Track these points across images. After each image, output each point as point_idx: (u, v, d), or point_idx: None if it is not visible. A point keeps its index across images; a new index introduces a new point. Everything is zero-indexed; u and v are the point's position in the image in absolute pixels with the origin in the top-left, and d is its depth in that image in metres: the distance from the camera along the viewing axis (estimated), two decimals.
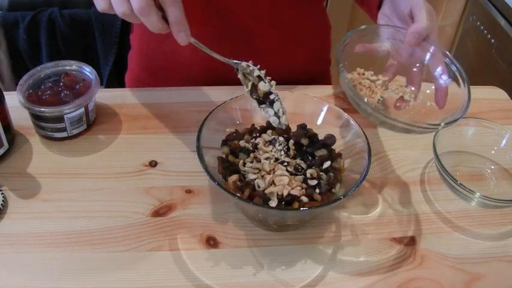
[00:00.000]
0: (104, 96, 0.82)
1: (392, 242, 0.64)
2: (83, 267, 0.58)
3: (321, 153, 0.65)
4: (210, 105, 0.66)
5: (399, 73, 0.72)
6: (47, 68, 0.75)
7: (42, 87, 0.73)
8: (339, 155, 0.65)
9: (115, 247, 0.61)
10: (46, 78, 0.75)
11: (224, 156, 0.64)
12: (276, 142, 0.66)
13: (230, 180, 0.61)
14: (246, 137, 0.67)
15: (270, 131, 0.68)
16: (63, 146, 0.73)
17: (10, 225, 0.62)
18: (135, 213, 0.65)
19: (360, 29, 0.70)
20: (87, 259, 0.59)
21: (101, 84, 1.52)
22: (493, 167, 0.75)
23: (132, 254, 0.60)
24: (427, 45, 0.70)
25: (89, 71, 0.76)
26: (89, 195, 0.67)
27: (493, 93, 0.91)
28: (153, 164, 0.72)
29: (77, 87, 0.74)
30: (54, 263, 0.59)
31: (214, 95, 0.84)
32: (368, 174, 0.59)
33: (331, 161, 0.64)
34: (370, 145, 0.62)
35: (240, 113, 0.69)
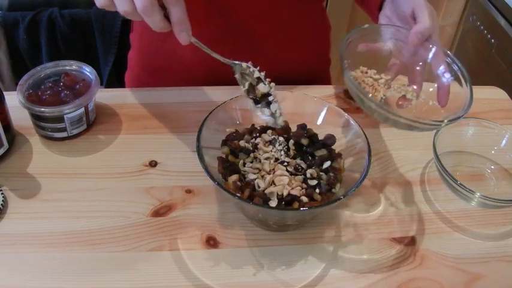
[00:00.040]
0: (104, 96, 0.82)
1: (392, 242, 0.64)
2: (83, 267, 0.58)
3: (321, 153, 0.65)
4: (210, 105, 0.66)
5: (401, 72, 0.72)
6: (47, 68, 0.75)
7: (42, 87, 0.73)
8: (339, 155, 0.65)
9: (115, 247, 0.61)
10: (46, 78, 0.75)
11: (224, 156, 0.64)
12: (276, 142, 0.66)
13: (230, 180, 0.61)
14: (246, 137, 0.67)
15: (270, 131, 0.68)
16: (63, 146, 0.73)
17: (10, 225, 0.62)
18: (135, 213, 0.65)
19: (364, 27, 0.71)
20: (87, 259, 0.59)
21: (101, 84, 1.51)
22: (493, 167, 0.75)
23: (132, 254, 0.60)
24: (429, 45, 0.70)
25: (89, 71, 0.76)
26: (89, 195, 0.67)
27: (493, 93, 0.91)
28: (153, 164, 0.72)
29: (77, 87, 0.74)
30: (54, 263, 0.59)
31: (214, 95, 0.84)
32: (368, 174, 0.59)
33: (331, 161, 0.64)
34: (370, 145, 0.62)
35: (240, 113, 0.69)
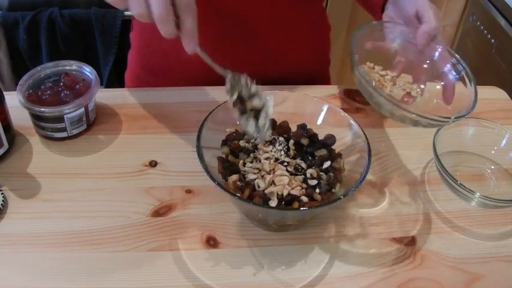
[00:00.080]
0: (104, 96, 0.82)
1: (392, 242, 0.64)
2: (83, 267, 0.58)
3: (321, 153, 0.65)
4: (210, 105, 0.66)
5: (406, 70, 0.73)
6: (47, 68, 0.75)
7: (42, 87, 0.73)
8: (339, 155, 0.65)
9: (115, 247, 0.61)
10: (46, 78, 0.75)
11: (224, 156, 0.64)
12: (276, 142, 0.66)
13: (230, 180, 0.61)
14: (246, 136, 0.67)
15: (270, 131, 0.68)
16: (63, 146, 0.73)
17: (10, 225, 0.62)
18: (135, 213, 0.65)
19: (373, 23, 0.72)
20: (87, 259, 0.59)
21: (101, 84, 1.52)
22: (493, 167, 0.75)
23: (132, 254, 0.60)
24: (435, 45, 0.71)
25: (89, 71, 0.76)
26: (89, 195, 0.67)
27: (493, 93, 0.91)
28: (153, 164, 0.72)
29: (77, 87, 0.73)
30: (54, 263, 0.59)
31: (214, 95, 0.84)
32: (368, 174, 0.59)
33: (331, 161, 0.64)
34: (370, 145, 0.62)
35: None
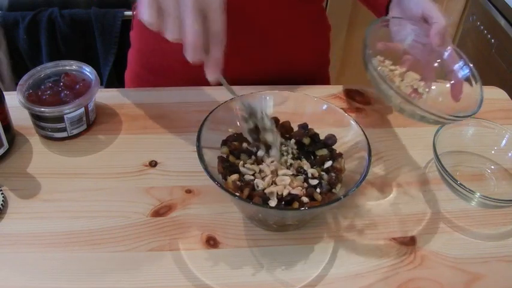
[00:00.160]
0: (104, 96, 0.82)
1: (392, 242, 0.64)
2: (83, 267, 0.58)
3: (322, 152, 0.65)
4: (210, 105, 0.66)
5: (414, 68, 0.74)
6: (47, 68, 0.75)
7: (42, 87, 0.73)
8: (340, 154, 0.65)
9: (115, 247, 0.61)
10: (46, 78, 0.75)
11: (225, 156, 0.64)
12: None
13: (230, 180, 0.60)
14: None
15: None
16: (63, 146, 0.73)
17: (10, 225, 0.62)
18: (135, 213, 0.65)
19: (385, 18, 0.74)
20: (87, 259, 0.59)
21: (101, 84, 1.52)
22: (493, 167, 0.75)
23: (132, 254, 0.60)
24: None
25: (89, 71, 0.76)
26: (89, 195, 0.67)
27: (493, 93, 0.91)
28: (153, 164, 0.72)
29: (77, 87, 0.73)
30: (54, 263, 0.59)
31: (214, 95, 0.84)
32: (368, 174, 0.59)
33: (332, 160, 0.64)
34: (370, 145, 0.62)
35: (241, 113, 0.68)
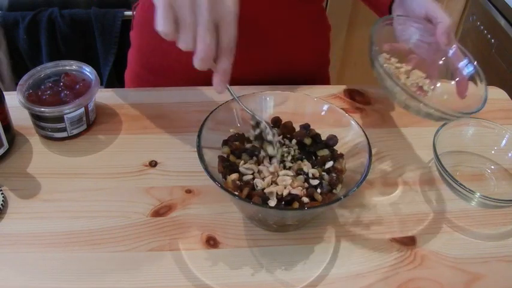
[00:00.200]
0: (104, 96, 0.82)
1: (392, 242, 0.64)
2: (83, 267, 0.58)
3: (323, 153, 0.65)
4: (210, 105, 0.66)
5: (420, 66, 0.75)
6: (47, 68, 0.75)
7: (42, 87, 0.73)
8: (341, 155, 0.65)
9: (115, 247, 0.61)
10: (46, 78, 0.75)
11: (225, 156, 0.64)
12: (281, 145, 0.66)
13: (229, 179, 0.60)
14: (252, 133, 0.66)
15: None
16: (63, 146, 0.73)
17: (10, 225, 0.62)
18: (135, 213, 0.65)
19: (390, 16, 0.75)
20: (87, 259, 0.59)
21: (101, 84, 1.52)
22: (493, 167, 0.75)
23: (132, 254, 0.60)
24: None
25: (89, 71, 0.76)
26: (89, 195, 0.67)
27: (493, 93, 0.91)
28: (153, 164, 0.72)
29: (77, 87, 0.73)
30: (54, 263, 0.59)
31: (214, 95, 0.84)
32: (368, 174, 0.59)
33: (333, 161, 0.64)
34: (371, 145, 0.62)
35: (241, 114, 0.69)
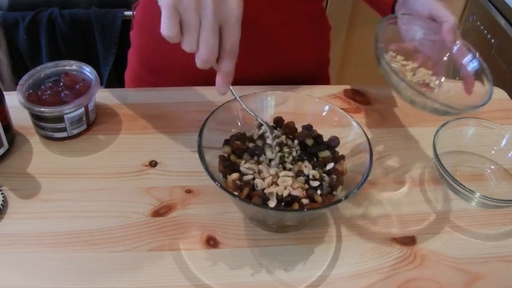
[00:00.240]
0: (104, 96, 0.82)
1: (392, 242, 0.64)
2: (83, 267, 0.58)
3: (325, 154, 0.65)
4: (210, 105, 0.66)
5: (426, 64, 0.75)
6: (47, 68, 0.75)
7: (42, 87, 0.73)
8: (342, 157, 0.65)
9: (115, 247, 0.61)
10: (46, 78, 0.75)
11: (226, 156, 0.64)
12: (283, 146, 0.65)
13: (230, 179, 0.60)
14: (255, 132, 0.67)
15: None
16: (63, 146, 0.73)
17: (10, 225, 0.62)
18: (135, 213, 0.65)
19: (393, 16, 0.75)
20: (87, 259, 0.59)
21: (101, 84, 1.52)
22: (493, 167, 0.75)
23: (132, 254, 0.60)
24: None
25: (89, 71, 0.76)
26: (89, 195, 0.67)
27: (493, 93, 0.91)
28: (153, 164, 0.72)
29: (77, 87, 0.73)
30: (54, 263, 0.59)
31: (214, 95, 0.84)
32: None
33: (334, 163, 0.64)
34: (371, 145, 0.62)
35: (241, 114, 0.69)
